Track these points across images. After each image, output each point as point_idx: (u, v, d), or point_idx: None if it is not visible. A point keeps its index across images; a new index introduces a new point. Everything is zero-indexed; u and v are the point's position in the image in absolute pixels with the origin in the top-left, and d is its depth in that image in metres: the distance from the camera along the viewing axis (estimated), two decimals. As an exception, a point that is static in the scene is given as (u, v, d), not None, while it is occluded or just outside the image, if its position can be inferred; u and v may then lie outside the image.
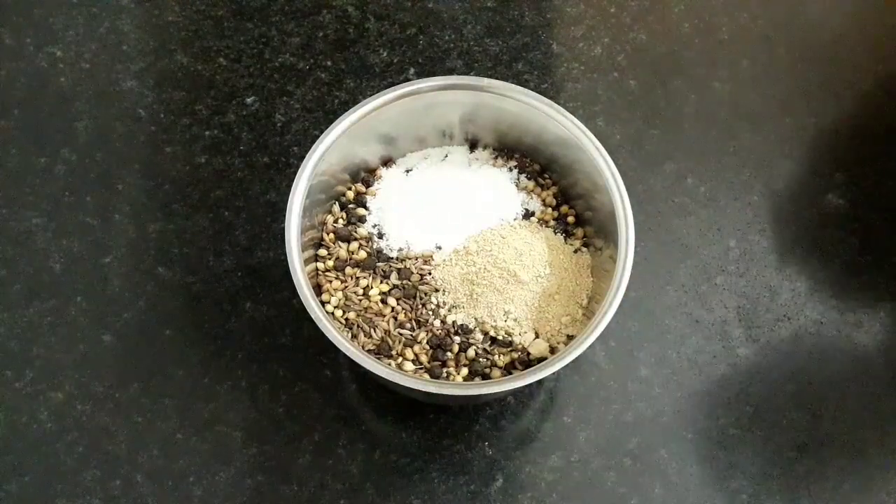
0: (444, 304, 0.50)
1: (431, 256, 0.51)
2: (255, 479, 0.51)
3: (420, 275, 0.50)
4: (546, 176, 0.53)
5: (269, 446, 0.52)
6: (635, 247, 0.47)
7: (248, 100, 0.61)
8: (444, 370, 0.48)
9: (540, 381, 0.44)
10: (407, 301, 0.50)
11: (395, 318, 0.50)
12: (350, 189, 0.53)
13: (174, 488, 0.51)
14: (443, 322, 0.49)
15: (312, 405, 0.53)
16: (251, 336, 0.55)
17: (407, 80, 0.50)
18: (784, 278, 0.57)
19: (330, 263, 0.51)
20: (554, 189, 0.53)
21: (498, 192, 0.52)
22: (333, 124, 0.49)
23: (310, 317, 0.45)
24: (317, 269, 0.50)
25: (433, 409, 0.53)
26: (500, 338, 0.48)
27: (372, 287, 0.50)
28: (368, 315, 0.49)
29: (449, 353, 0.49)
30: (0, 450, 0.52)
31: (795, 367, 0.55)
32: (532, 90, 0.50)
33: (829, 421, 0.54)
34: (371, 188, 0.53)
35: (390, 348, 0.48)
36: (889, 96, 0.63)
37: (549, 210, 0.52)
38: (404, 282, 0.50)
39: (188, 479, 0.51)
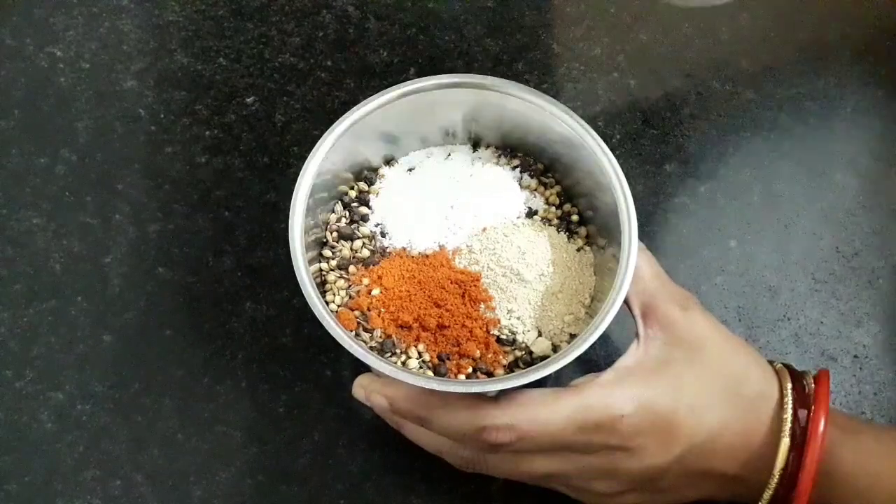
0: (447, 302, 0.50)
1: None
2: (255, 479, 0.51)
3: (423, 274, 0.50)
4: (549, 175, 0.53)
5: (269, 446, 0.52)
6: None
7: (248, 100, 0.61)
8: (448, 368, 0.48)
9: (541, 381, 0.44)
10: (410, 300, 0.50)
11: (399, 317, 0.49)
12: (353, 188, 0.53)
13: (174, 488, 0.51)
14: (446, 321, 0.49)
15: (313, 405, 0.53)
16: (251, 336, 0.55)
17: (407, 79, 0.50)
18: (784, 278, 0.57)
19: (333, 263, 0.50)
20: (557, 188, 0.53)
21: (501, 190, 0.52)
22: (337, 122, 0.49)
23: (310, 316, 0.44)
24: (320, 269, 0.50)
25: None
26: (503, 336, 0.48)
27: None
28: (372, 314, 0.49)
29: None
30: (0, 450, 0.52)
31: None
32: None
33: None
34: (374, 187, 0.53)
35: (394, 346, 0.48)
36: (888, 94, 0.63)
37: (552, 209, 0.52)
38: (407, 281, 0.50)
39: (188, 478, 0.51)
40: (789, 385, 0.45)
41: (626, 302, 0.46)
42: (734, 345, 0.47)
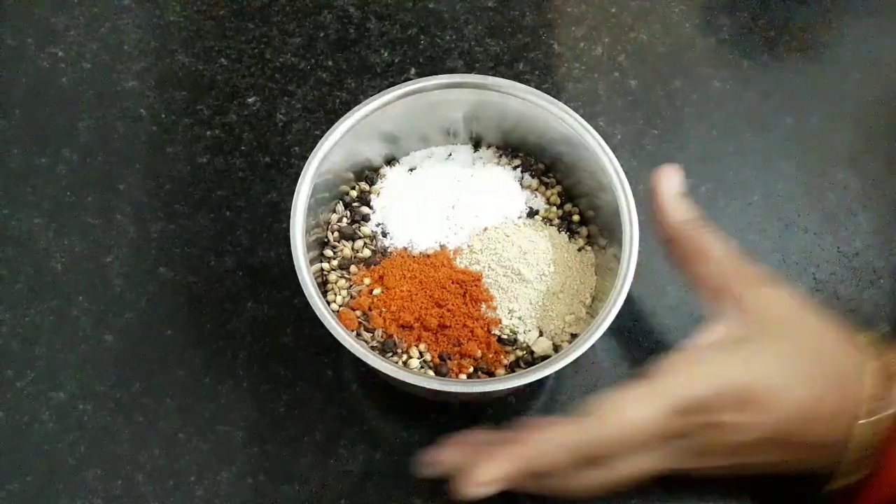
0: (448, 302, 0.50)
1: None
2: (256, 479, 0.51)
3: (424, 273, 0.50)
4: (550, 174, 0.53)
5: (270, 446, 0.52)
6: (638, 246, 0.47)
7: (250, 100, 0.61)
8: (449, 368, 0.48)
9: (542, 381, 0.44)
10: (411, 300, 0.50)
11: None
12: (354, 188, 0.53)
13: (175, 488, 0.51)
14: (447, 320, 0.49)
15: (314, 405, 0.53)
16: (252, 336, 0.55)
17: (408, 79, 0.50)
18: (784, 278, 0.57)
19: (335, 263, 0.51)
20: (558, 188, 0.53)
21: (502, 190, 0.52)
22: (338, 122, 0.49)
23: (311, 316, 0.45)
24: (321, 269, 0.50)
25: (435, 410, 0.53)
26: (504, 336, 0.49)
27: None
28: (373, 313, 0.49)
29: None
30: (1, 449, 0.51)
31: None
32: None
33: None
34: (375, 186, 0.53)
35: (396, 346, 0.48)
36: (888, 94, 0.63)
37: (553, 208, 0.53)
38: (408, 280, 0.50)
39: (189, 478, 0.51)
40: (874, 364, 0.44)
41: (693, 283, 0.46)
42: (818, 323, 0.46)
